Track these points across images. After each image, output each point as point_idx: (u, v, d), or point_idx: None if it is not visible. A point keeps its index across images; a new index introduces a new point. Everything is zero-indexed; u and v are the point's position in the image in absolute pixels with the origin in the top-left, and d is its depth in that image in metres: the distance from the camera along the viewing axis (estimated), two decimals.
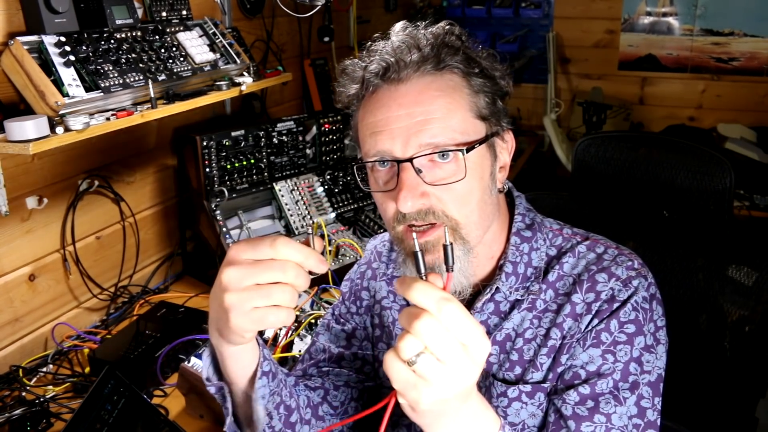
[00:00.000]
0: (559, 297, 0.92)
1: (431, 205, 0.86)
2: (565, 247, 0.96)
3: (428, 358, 0.63)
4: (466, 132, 0.86)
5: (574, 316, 0.90)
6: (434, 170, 0.86)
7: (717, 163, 1.39)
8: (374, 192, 0.91)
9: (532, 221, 0.99)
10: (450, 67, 0.87)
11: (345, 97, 0.93)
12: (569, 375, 0.89)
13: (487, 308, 0.95)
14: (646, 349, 0.88)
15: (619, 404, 0.85)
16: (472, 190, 0.87)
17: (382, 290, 1.10)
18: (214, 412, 1.37)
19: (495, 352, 0.94)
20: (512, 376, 0.93)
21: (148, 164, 1.97)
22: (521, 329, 0.93)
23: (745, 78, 3.17)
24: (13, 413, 1.35)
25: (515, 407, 0.91)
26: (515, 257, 0.95)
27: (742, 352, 1.27)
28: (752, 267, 1.30)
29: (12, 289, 1.56)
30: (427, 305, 0.63)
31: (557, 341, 0.90)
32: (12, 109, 1.43)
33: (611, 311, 0.88)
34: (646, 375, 0.87)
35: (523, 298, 0.93)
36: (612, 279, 0.90)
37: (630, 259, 0.93)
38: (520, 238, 0.96)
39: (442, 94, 0.86)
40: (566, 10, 3.45)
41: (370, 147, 0.88)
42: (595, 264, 0.92)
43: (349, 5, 2.92)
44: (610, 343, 0.87)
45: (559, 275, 0.94)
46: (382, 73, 0.87)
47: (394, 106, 0.86)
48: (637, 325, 0.88)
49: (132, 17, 1.64)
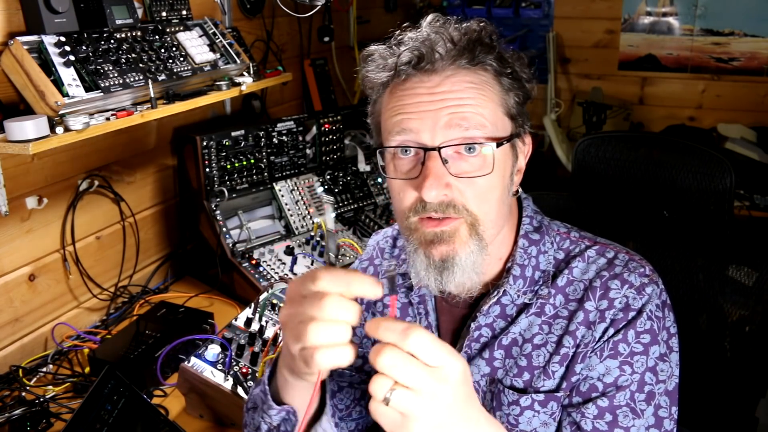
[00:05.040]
0: (570, 303, 0.91)
1: (453, 198, 0.85)
2: (573, 251, 0.95)
3: (400, 391, 0.63)
4: (495, 125, 0.86)
5: (587, 324, 0.89)
6: (459, 162, 0.85)
7: (717, 163, 1.38)
8: (393, 179, 0.89)
9: (540, 224, 0.98)
10: (483, 65, 0.87)
11: (374, 83, 0.91)
12: (586, 387, 0.88)
13: (492, 311, 0.94)
14: (661, 359, 0.87)
15: (637, 417, 0.85)
16: (494, 187, 0.87)
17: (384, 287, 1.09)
18: (214, 412, 1.37)
19: (500, 357, 0.93)
20: (520, 382, 0.92)
21: (148, 164, 1.97)
22: (529, 334, 0.92)
23: (745, 78, 3.16)
24: (13, 413, 1.35)
25: (527, 416, 0.90)
26: (523, 260, 0.94)
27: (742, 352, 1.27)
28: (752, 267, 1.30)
29: (12, 289, 1.56)
30: (391, 339, 0.64)
31: (570, 349, 0.89)
32: (12, 109, 1.43)
33: (627, 321, 0.87)
34: (661, 384, 0.87)
35: (531, 302, 0.92)
36: (625, 286, 0.89)
37: (641, 265, 0.92)
38: (528, 240, 0.95)
39: (475, 86, 0.85)
40: (566, 10, 3.45)
41: (394, 126, 0.86)
42: (607, 270, 0.91)
43: (349, 5, 2.92)
44: (627, 354, 0.86)
45: (569, 280, 0.93)
46: (415, 62, 0.86)
47: (426, 92, 0.85)
48: (651, 335, 0.87)
49: (132, 17, 1.64)
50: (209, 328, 1.67)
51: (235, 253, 1.90)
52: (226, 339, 1.44)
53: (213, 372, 1.36)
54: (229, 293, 1.94)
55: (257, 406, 0.92)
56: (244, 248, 1.93)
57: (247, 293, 1.86)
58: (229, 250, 1.90)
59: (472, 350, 0.94)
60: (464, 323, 0.97)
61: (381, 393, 0.63)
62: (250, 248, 1.95)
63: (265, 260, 1.93)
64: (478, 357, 0.94)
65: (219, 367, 1.37)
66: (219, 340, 1.43)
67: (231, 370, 1.38)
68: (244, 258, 1.91)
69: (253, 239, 1.98)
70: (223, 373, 1.36)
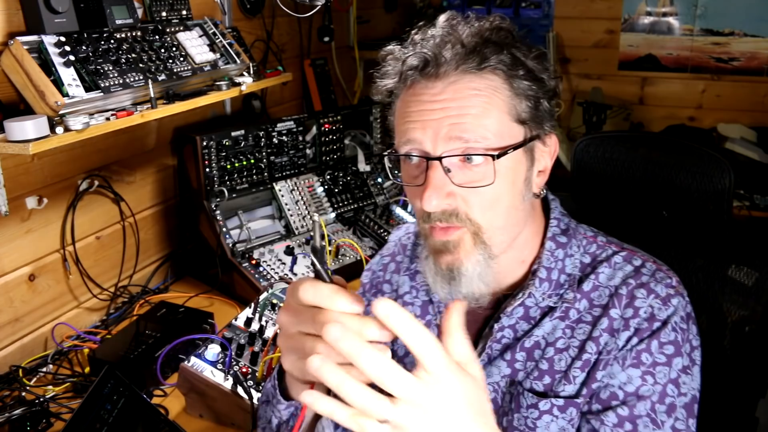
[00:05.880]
0: (594, 308, 0.91)
1: (456, 207, 0.84)
2: (600, 256, 0.94)
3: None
4: (500, 134, 0.84)
5: (610, 331, 0.88)
6: (464, 171, 0.84)
7: (717, 164, 1.38)
8: (404, 185, 0.91)
9: (567, 226, 0.97)
10: (492, 68, 0.83)
11: (383, 89, 0.91)
12: (606, 394, 0.87)
13: (516, 313, 0.93)
14: (683, 371, 0.87)
15: (657, 427, 0.84)
16: (500, 195, 0.85)
17: (404, 285, 1.08)
18: (214, 411, 1.37)
19: (522, 359, 0.92)
20: (541, 385, 0.91)
21: (148, 164, 1.97)
22: (552, 338, 0.91)
23: (745, 78, 3.16)
24: (13, 413, 1.35)
25: (545, 420, 0.90)
26: (549, 263, 0.93)
27: (742, 353, 1.27)
28: (752, 267, 1.29)
29: (12, 289, 1.56)
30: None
31: (592, 356, 0.88)
32: (12, 109, 1.43)
33: (652, 331, 0.87)
34: (682, 397, 0.86)
35: (556, 306, 0.92)
36: (651, 296, 0.88)
37: (668, 276, 0.91)
38: (555, 243, 0.94)
39: (479, 93, 0.83)
40: (566, 10, 3.45)
41: (402, 135, 0.87)
42: (634, 278, 0.90)
43: (349, 5, 2.92)
44: (650, 364, 0.86)
45: (594, 285, 0.92)
46: (420, 67, 0.85)
47: (429, 100, 0.84)
48: (675, 347, 0.86)
49: (132, 17, 1.64)
50: (209, 328, 1.67)
51: (235, 253, 1.91)
52: (226, 339, 1.44)
53: (213, 372, 1.36)
54: (229, 293, 1.94)
55: (269, 400, 0.93)
56: (244, 248, 1.93)
57: (247, 293, 1.86)
58: (229, 250, 1.91)
59: (494, 351, 0.94)
60: (486, 324, 0.96)
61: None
62: (250, 248, 1.95)
63: (265, 260, 1.93)
64: (499, 358, 0.93)
65: (219, 367, 1.37)
66: (219, 340, 1.43)
67: (231, 369, 1.38)
68: (244, 258, 1.92)
69: (253, 239, 1.98)
70: (223, 372, 1.36)
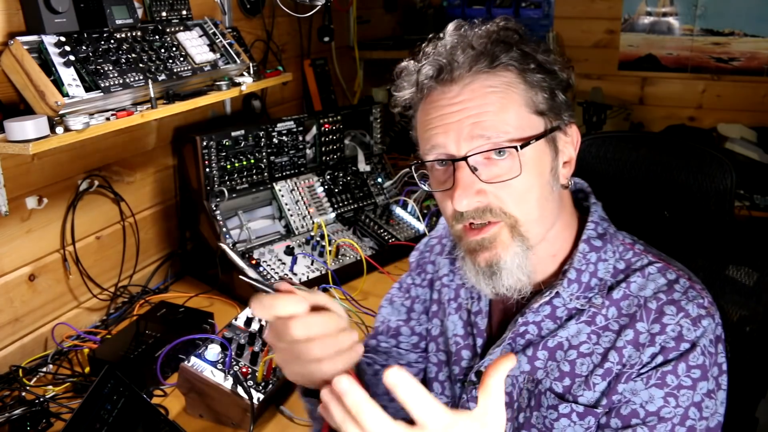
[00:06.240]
0: (622, 318, 0.90)
1: (489, 203, 0.86)
2: (635, 264, 0.93)
3: None
4: (521, 127, 0.86)
5: (635, 345, 0.87)
6: (490, 167, 0.86)
7: (718, 164, 1.38)
8: (434, 191, 0.92)
9: (605, 231, 0.96)
10: (504, 65, 0.86)
11: (401, 100, 0.93)
12: (627, 410, 0.86)
13: (542, 310, 0.93)
14: (708, 395, 0.86)
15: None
16: (530, 186, 0.87)
17: (444, 267, 1.10)
18: (214, 411, 1.37)
19: (543, 358, 0.93)
20: (560, 386, 0.91)
21: (148, 164, 1.97)
22: (576, 341, 0.91)
23: (746, 78, 3.16)
24: (13, 413, 1.35)
25: (563, 423, 0.90)
26: (581, 265, 0.93)
27: (742, 352, 1.27)
28: (752, 267, 1.29)
29: (12, 289, 1.56)
30: None
31: (615, 366, 0.88)
32: (12, 109, 1.43)
33: (680, 353, 0.85)
34: (704, 421, 0.85)
35: (583, 308, 0.91)
36: (680, 314, 0.86)
37: (702, 295, 0.89)
38: (589, 246, 0.94)
39: (495, 90, 0.85)
40: (566, 10, 3.45)
41: (426, 143, 0.89)
42: (665, 293, 0.89)
43: (349, 5, 2.92)
44: (674, 387, 0.85)
45: (624, 294, 0.91)
46: (435, 74, 0.87)
47: (448, 104, 0.86)
48: (702, 370, 0.85)
49: (132, 17, 1.64)
50: (209, 328, 1.67)
51: (236, 253, 1.90)
52: (226, 339, 1.44)
53: (213, 372, 1.36)
54: (229, 293, 1.94)
55: None
56: (244, 248, 1.93)
57: (247, 293, 1.86)
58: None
59: (516, 344, 0.95)
60: (513, 316, 0.97)
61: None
62: (250, 248, 1.95)
63: (265, 260, 1.93)
64: (521, 353, 0.94)
65: (219, 367, 1.37)
66: (219, 340, 1.43)
67: (231, 369, 1.38)
68: (244, 258, 1.91)
69: (253, 239, 1.98)
70: (223, 372, 1.36)
